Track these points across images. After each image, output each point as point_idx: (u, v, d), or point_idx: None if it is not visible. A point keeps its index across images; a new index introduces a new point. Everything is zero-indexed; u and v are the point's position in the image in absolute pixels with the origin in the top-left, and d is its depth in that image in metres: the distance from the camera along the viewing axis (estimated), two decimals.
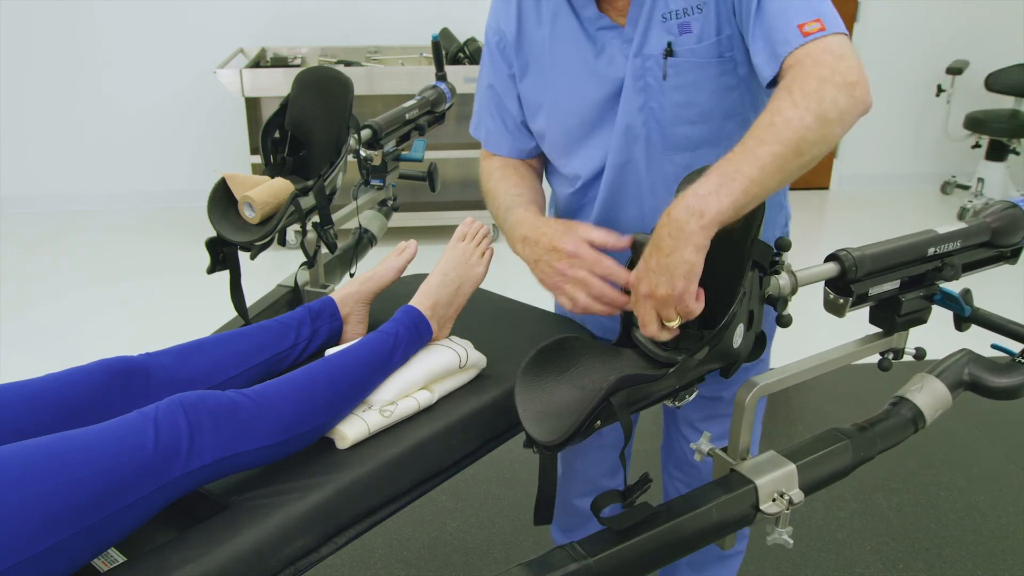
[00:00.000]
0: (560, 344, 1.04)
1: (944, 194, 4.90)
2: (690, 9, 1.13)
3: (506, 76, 1.31)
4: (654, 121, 1.20)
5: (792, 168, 0.99)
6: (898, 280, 1.18)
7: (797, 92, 0.99)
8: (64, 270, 3.79)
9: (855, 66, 1.01)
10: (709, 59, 1.15)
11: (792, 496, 1.06)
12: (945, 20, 4.71)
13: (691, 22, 1.14)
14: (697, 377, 1.03)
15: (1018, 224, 1.25)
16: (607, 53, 1.20)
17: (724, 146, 1.13)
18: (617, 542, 0.96)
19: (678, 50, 1.14)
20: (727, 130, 1.21)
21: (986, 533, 2.20)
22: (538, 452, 0.98)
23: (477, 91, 1.38)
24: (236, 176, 1.43)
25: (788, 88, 1.00)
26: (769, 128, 0.98)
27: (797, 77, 1.01)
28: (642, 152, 1.23)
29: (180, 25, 4.26)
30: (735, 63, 1.16)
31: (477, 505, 2.30)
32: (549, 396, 1.00)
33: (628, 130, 1.21)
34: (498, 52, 1.30)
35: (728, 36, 1.14)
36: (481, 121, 1.39)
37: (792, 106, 0.98)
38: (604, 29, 1.19)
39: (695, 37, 1.14)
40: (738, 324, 0.99)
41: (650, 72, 1.17)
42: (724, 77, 1.17)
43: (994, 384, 1.22)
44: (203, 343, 1.19)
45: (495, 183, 1.33)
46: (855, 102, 1.00)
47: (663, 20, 1.14)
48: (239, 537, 0.94)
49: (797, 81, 1.00)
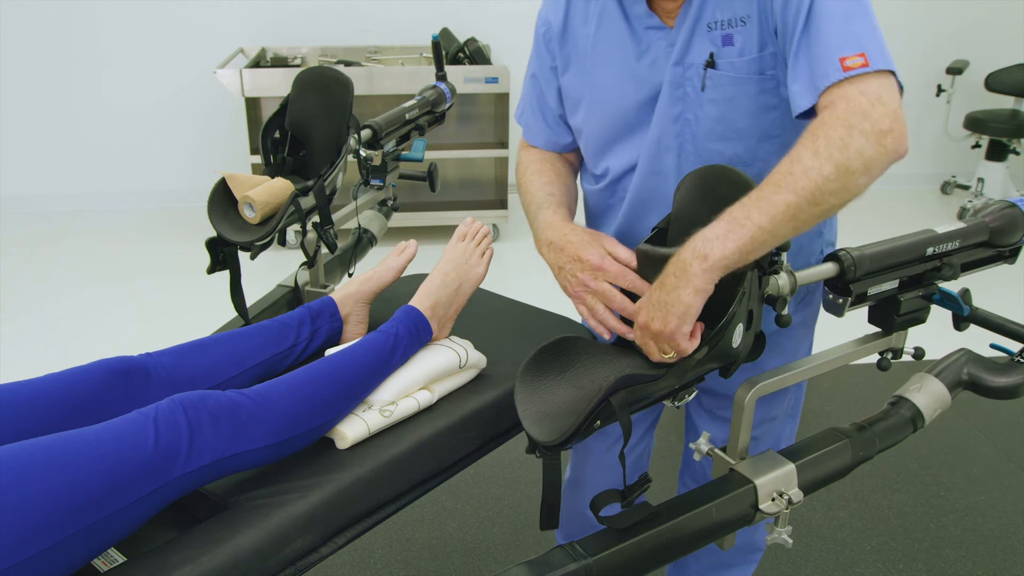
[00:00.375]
0: (559, 344, 1.05)
1: (944, 194, 4.90)
2: (734, 20, 1.10)
3: (548, 68, 1.30)
4: (689, 133, 1.17)
5: (807, 217, 0.96)
6: (897, 280, 1.18)
7: (821, 140, 0.96)
8: (64, 270, 3.79)
9: (890, 112, 0.97)
10: (749, 75, 1.11)
11: (791, 495, 1.06)
12: (945, 20, 4.71)
13: (734, 34, 1.10)
14: (696, 377, 1.03)
15: (1016, 224, 1.26)
16: (650, 55, 1.17)
17: (759, 167, 1.15)
18: (617, 541, 0.96)
19: (719, 62, 1.11)
20: (763, 151, 1.17)
21: (986, 533, 2.20)
22: (541, 456, 0.98)
23: (524, 80, 1.38)
24: (236, 176, 1.43)
25: (813, 134, 0.98)
26: (787, 176, 0.96)
27: (825, 121, 0.98)
28: (672, 164, 1.20)
29: (180, 25, 4.26)
30: (776, 82, 1.12)
31: (477, 505, 2.30)
32: (549, 396, 1.00)
33: (660, 140, 1.19)
34: (543, 43, 1.29)
35: (771, 54, 1.10)
36: (524, 110, 1.39)
37: (813, 155, 0.95)
38: (651, 29, 1.17)
39: (736, 51, 1.11)
40: (737, 324, 1.00)
41: (689, 82, 1.14)
42: (763, 96, 1.13)
43: (993, 384, 1.22)
44: (203, 343, 1.19)
45: (529, 176, 1.33)
46: (884, 152, 0.96)
47: (708, 29, 1.11)
48: (239, 537, 0.94)
49: (824, 126, 0.97)
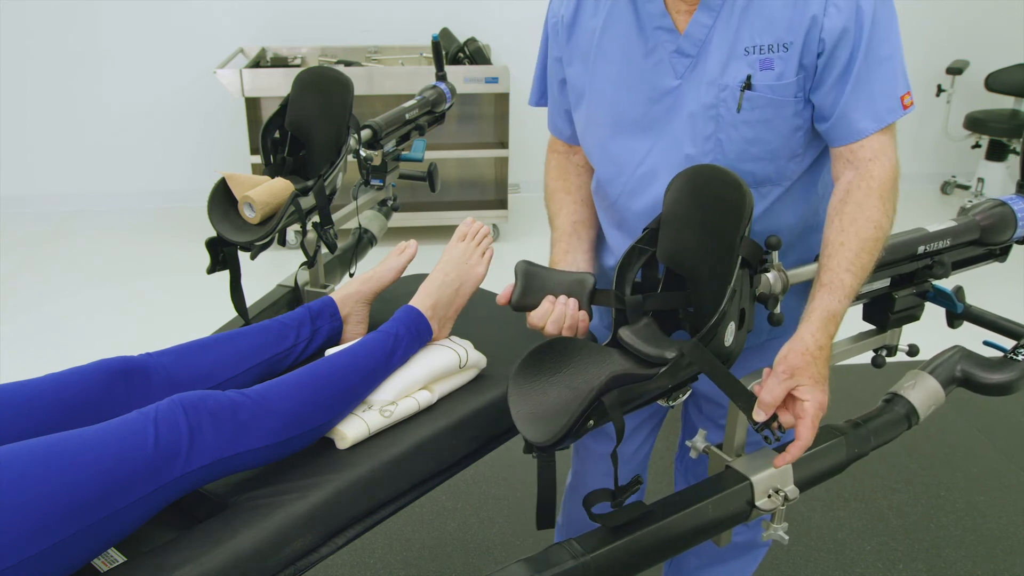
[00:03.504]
0: (552, 345, 1.05)
1: (944, 194, 4.90)
2: (776, 47, 1.11)
3: (554, 59, 1.31)
4: (720, 153, 1.17)
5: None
6: (888, 278, 1.19)
7: (888, 204, 1.13)
8: (64, 270, 3.79)
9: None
10: (786, 98, 1.13)
11: (787, 492, 1.06)
12: (945, 20, 4.71)
13: (774, 59, 1.12)
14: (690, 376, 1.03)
15: (1007, 222, 1.26)
16: (656, 56, 1.18)
17: (785, 186, 1.19)
18: (614, 539, 0.96)
19: (756, 84, 1.13)
20: (789, 170, 1.19)
21: (986, 533, 2.20)
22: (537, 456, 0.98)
23: (536, 66, 1.38)
24: (236, 176, 1.43)
25: (881, 197, 1.13)
26: (874, 242, 1.11)
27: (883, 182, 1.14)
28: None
29: (180, 25, 4.26)
30: (805, 103, 1.15)
31: (477, 505, 2.30)
32: (542, 397, 1.00)
33: (688, 159, 1.19)
34: (551, 34, 1.30)
35: (805, 77, 1.13)
36: (540, 96, 1.40)
37: (885, 218, 1.13)
38: (660, 30, 1.17)
39: (775, 75, 1.12)
40: (729, 322, 1.00)
41: (723, 103, 1.14)
42: (795, 117, 1.15)
43: (986, 380, 1.22)
44: (203, 343, 1.19)
45: (550, 194, 1.39)
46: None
47: (746, 53, 1.12)
48: (239, 537, 0.94)
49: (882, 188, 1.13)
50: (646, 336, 1.09)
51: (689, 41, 1.15)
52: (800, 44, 1.11)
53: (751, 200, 1.01)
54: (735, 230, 1.01)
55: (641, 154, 1.22)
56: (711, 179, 1.06)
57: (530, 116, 1.82)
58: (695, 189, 1.08)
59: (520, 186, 4.50)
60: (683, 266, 1.11)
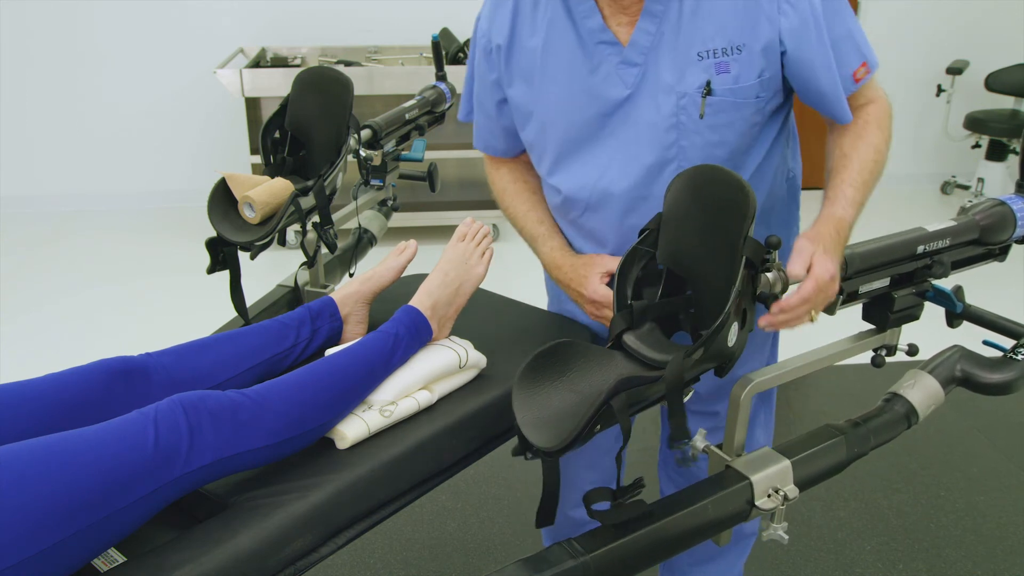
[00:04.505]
0: (554, 350, 1.04)
1: (944, 194, 4.90)
2: (729, 49, 1.13)
3: (490, 82, 1.30)
4: (684, 159, 1.19)
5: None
6: (888, 278, 1.19)
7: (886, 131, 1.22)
8: (64, 270, 3.79)
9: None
10: (748, 99, 1.15)
11: (787, 492, 1.06)
12: (945, 20, 4.71)
13: (729, 63, 1.13)
14: (692, 377, 1.03)
15: (1006, 221, 1.26)
16: (602, 71, 1.18)
17: (744, 174, 1.22)
18: (614, 539, 0.96)
19: (716, 89, 1.14)
20: (747, 162, 1.23)
21: (986, 533, 2.20)
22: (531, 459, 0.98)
23: (465, 80, 1.39)
24: (236, 176, 1.43)
25: (879, 125, 1.21)
26: (874, 163, 1.19)
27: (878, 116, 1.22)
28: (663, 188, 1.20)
29: (180, 25, 4.26)
30: (765, 102, 1.18)
31: (477, 505, 2.30)
32: (546, 402, 1.00)
33: (652, 168, 1.20)
34: (483, 56, 1.29)
35: (769, 78, 1.15)
36: (469, 112, 1.41)
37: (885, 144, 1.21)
38: (603, 44, 1.17)
39: (732, 78, 1.13)
40: (732, 323, 1.00)
41: (684, 111, 1.16)
42: (755, 115, 1.18)
43: (986, 380, 1.22)
44: (203, 343, 1.19)
45: (510, 200, 1.38)
46: None
47: (699, 59, 1.13)
48: (239, 537, 0.94)
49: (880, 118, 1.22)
50: (650, 341, 1.09)
51: (635, 50, 1.15)
52: (756, 45, 1.12)
53: (754, 199, 1.01)
54: (738, 230, 1.01)
55: (602, 166, 1.23)
56: (712, 179, 1.06)
57: None
58: (696, 190, 1.08)
59: None
60: (684, 267, 1.11)
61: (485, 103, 1.34)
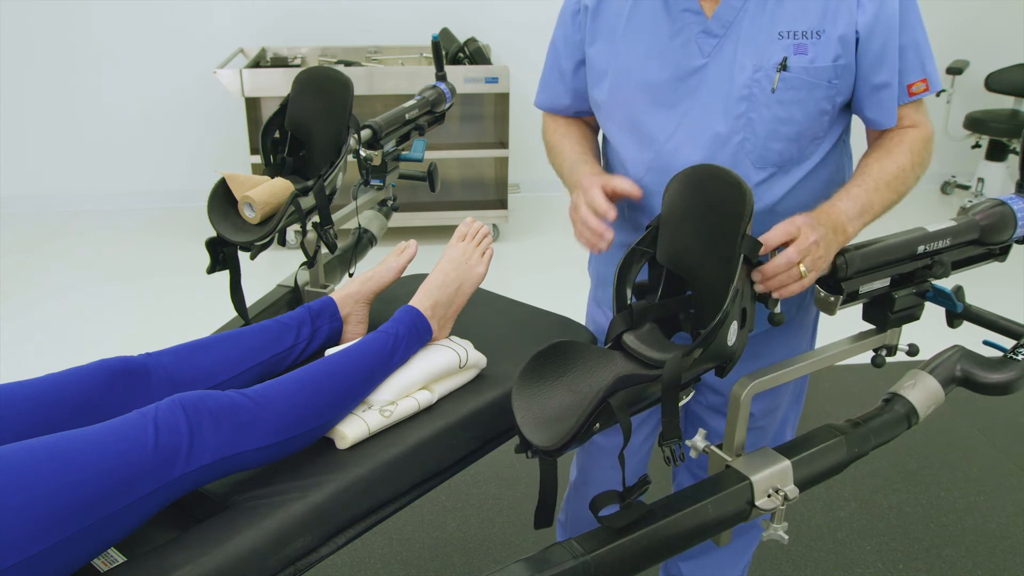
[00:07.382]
0: (554, 350, 1.05)
1: (944, 194, 4.90)
2: (809, 33, 1.17)
3: (573, 41, 1.34)
4: (751, 131, 1.21)
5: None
6: (888, 278, 1.19)
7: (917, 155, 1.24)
8: (64, 270, 3.79)
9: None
10: (820, 81, 1.18)
11: (787, 492, 1.06)
12: (945, 20, 4.71)
13: (808, 45, 1.17)
14: (693, 377, 1.03)
15: (1006, 221, 1.26)
16: (682, 37, 1.21)
17: (804, 167, 1.25)
18: (614, 538, 0.96)
19: (792, 66, 1.17)
20: (810, 151, 1.24)
21: (986, 533, 2.20)
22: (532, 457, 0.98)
23: (547, 52, 1.42)
24: (236, 176, 1.43)
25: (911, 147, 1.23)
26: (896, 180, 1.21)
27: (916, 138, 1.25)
28: (727, 162, 1.23)
29: (180, 25, 4.26)
30: (836, 91, 1.20)
31: (477, 505, 2.30)
32: (546, 402, 1.00)
33: (719, 136, 1.22)
34: (570, 16, 1.33)
35: (844, 65, 1.18)
36: (546, 83, 1.43)
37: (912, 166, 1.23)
38: (688, 12, 1.20)
39: (808, 59, 1.17)
40: (731, 322, 1.00)
41: (757, 83, 1.19)
42: (824, 102, 1.20)
43: (986, 380, 1.22)
44: (203, 343, 1.19)
45: (559, 138, 1.42)
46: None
47: (779, 37, 1.17)
48: (239, 537, 0.94)
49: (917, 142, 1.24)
50: (650, 341, 1.09)
51: (718, 22, 1.19)
52: (834, 32, 1.16)
53: (751, 198, 1.01)
54: (736, 228, 1.01)
55: (670, 129, 1.25)
56: (710, 178, 1.07)
57: (530, 116, 1.82)
58: (694, 189, 1.08)
59: (520, 186, 4.49)
60: (684, 266, 1.11)
61: (563, 63, 1.37)
